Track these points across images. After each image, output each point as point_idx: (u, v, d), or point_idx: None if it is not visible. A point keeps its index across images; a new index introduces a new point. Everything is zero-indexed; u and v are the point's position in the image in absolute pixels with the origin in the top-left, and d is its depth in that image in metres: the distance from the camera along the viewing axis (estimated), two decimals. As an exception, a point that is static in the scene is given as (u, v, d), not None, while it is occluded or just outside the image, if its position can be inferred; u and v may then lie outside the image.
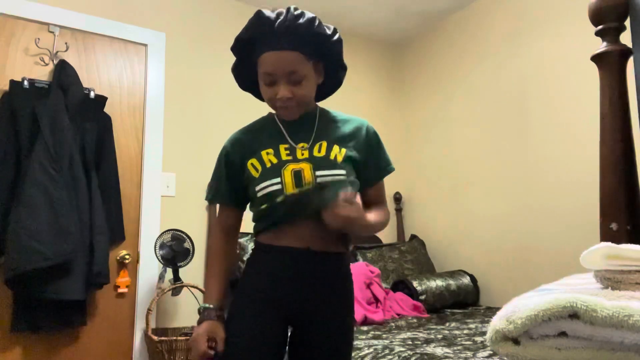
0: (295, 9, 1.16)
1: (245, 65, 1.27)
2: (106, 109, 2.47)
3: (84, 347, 2.32)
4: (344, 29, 3.49)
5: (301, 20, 1.15)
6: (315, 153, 1.22)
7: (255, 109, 3.29)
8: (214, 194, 1.33)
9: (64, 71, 2.32)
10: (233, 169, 1.28)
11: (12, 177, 2.15)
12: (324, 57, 1.25)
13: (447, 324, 2.18)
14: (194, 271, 2.59)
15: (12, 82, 2.24)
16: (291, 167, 1.20)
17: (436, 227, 3.29)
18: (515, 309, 0.58)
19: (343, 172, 1.21)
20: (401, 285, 2.70)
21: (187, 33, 2.86)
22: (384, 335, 1.93)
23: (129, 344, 2.44)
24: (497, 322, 0.59)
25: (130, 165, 2.56)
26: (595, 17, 1.04)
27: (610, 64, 1.02)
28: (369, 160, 1.30)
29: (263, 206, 1.21)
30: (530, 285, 0.80)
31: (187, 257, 2.41)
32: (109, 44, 2.61)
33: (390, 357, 1.57)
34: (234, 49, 1.27)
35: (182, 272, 2.44)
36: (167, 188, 2.64)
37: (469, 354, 1.54)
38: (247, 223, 1.32)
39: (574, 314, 0.55)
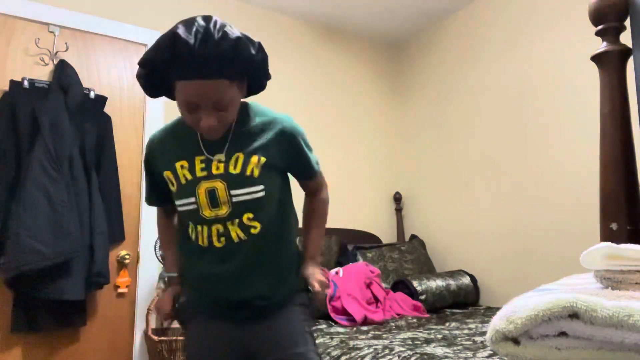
0: (222, 26, 1.01)
1: (155, 80, 1.10)
2: (106, 109, 2.47)
3: (84, 347, 2.32)
4: (344, 29, 3.49)
5: (224, 46, 1.00)
6: (231, 169, 1.14)
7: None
8: (147, 199, 1.37)
9: (64, 71, 2.32)
10: (154, 177, 1.28)
11: (12, 177, 2.14)
12: (249, 73, 1.13)
13: (447, 324, 2.18)
14: (194, 271, 2.59)
15: (12, 82, 2.24)
16: (205, 185, 1.14)
17: (436, 227, 3.29)
18: (515, 309, 0.58)
19: (260, 188, 1.15)
20: (401, 285, 2.69)
21: (187, 33, 2.85)
22: (384, 335, 1.93)
23: (129, 344, 2.44)
24: (497, 322, 0.59)
25: (130, 165, 2.56)
26: (595, 17, 1.04)
27: (610, 64, 1.02)
28: (295, 162, 1.27)
29: (190, 227, 1.21)
30: (530, 285, 0.80)
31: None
32: (109, 44, 2.61)
33: (390, 357, 1.57)
34: (141, 74, 1.08)
35: (182, 272, 2.44)
36: (167, 188, 2.64)
37: (469, 354, 1.54)
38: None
39: (574, 314, 0.55)
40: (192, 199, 1.14)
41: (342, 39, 3.52)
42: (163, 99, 2.70)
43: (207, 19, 1.01)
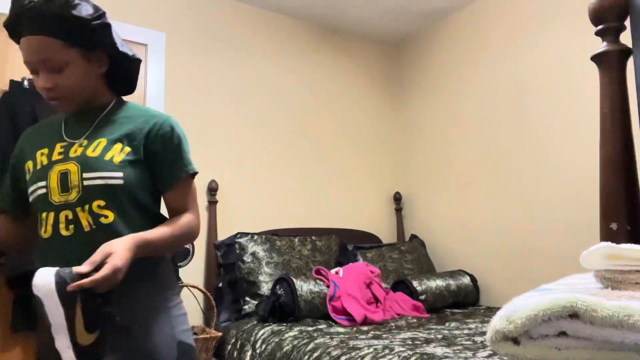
0: None
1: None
2: (106, 109, 2.47)
3: (84, 347, 2.32)
4: (344, 29, 3.49)
5: (55, 2, 1.01)
6: (89, 152, 1.07)
7: (255, 109, 3.29)
8: None
9: (64, 71, 2.31)
10: (14, 173, 1.19)
11: (12, 177, 2.15)
12: (97, 44, 1.10)
13: (447, 324, 2.18)
14: (193, 271, 2.59)
15: (12, 82, 2.24)
16: (58, 168, 1.06)
17: (436, 227, 3.30)
18: (515, 309, 0.58)
19: (118, 175, 1.06)
20: (401, 285, 2.70)
21: (187, 33, 2.86)
22: (384, 335, 1.93)
23: (129, 344, 2.44)
24: (497, 322, 0.59)
25: (130, 165, 2.56)
26: (595, 17, 1.04)
27: (610, 64, 1.02)
28: (163, 160, 1.14)
29: (39, 219, 1.07)
30: (530, 285, 0.80)
31: (187, 258, 2.41)
32: (109, 44, 2.60)
33: (390, 357, 1.57)
34: (7, 28, 1.11)
35: (182, 272, 2.44)
36: (167, 188, 2.63)
37: (469, 354, 1.54)
38: (244, 218, 1.31)
39: (574, 314, 0.55)
40: (43, 183, 1.06)
41: (342, 39, 3.52)
42: (161, 99, 2.70)
43: None
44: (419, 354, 1.56)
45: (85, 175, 1.05)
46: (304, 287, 2.30)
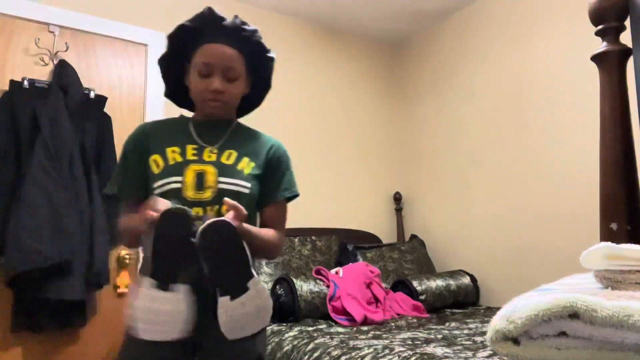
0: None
1: (174, 59, 1.26)
2: (106, 109, 2.47)
3: (84, 347, 2.32)
4: (343, 29, 3.49)
5: (247, 27, 1.23)
6: (224, 159, 1.20)
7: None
8: (118, 188, 1.24)
9: (64, 71, 2.32)
10: (137, 162, 1.23)
11: (12, 177, 2.14)
12: (255, 72, 1.29)
13: (447, 324, 2.18)
14: (194, 271, 2.59)
15: (12, 82, 2.24)
16: (194, 167, 1.17)
17: (436, 227, 3.30)
18: (515, 309, 0.58)
19: (248, 185, 1.19)
20: (401, 285, 2.69)
21: (187, 33, 2.85)
22: (384, 335, 1.93)
23: (129, 344, 2.44)
24: (497, 322, 0.59)
25: (130, 165, 2.56)
26: (595, 17, 1.04)
27: (610, 64, 1.02)
28: (271, 180, 1.28)
29: None
30: (530, 285, 0.80)
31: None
32: (109, 44, 2.60)
33: (390, 357, 1.57)
34: (174, 36, 1.25)
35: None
36: (167, 188, 2.64)
37: (469, 354, 1.54)
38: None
39: (574, 314, 0.55)
40: (179, 178, 1.15)
41: (342, 39, 3.52)
42: (161, 99, 2.70)
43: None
44: (419, 354, 1.56)
45: (221, 179, 1.17)
46: (304, 287, 2.30)
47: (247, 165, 1.22)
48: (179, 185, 1.14)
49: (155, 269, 1.00)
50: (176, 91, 1.33)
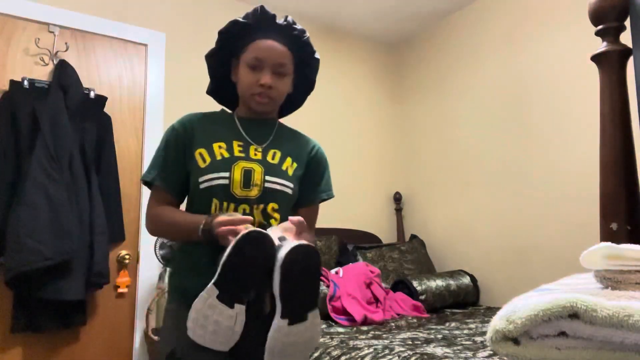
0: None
1: (221, 55, 1.28)
2: (106, 109, 2.47)
3: (84, 347, 2.32)
4: (343, 29, 3.49)
5: (297, 26, 1.25)
6: (269, 158, 1.21)
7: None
8: (155, 176, 1.21)
9: (64, 71, 2.32)
10: (180, 153, 1.21)
11: (12, 177, 2.14)
12: (300, 72, 1.30)
13: (447, 324, 2.18)
14: (194, 271, 2.59)
15: (12, 82, 2.24)
16: (242, 164, 1.17)
17: (436, 227, 3.30)
18: (515, 309, 0.58)
19: (291, 185, 1.22)
20: (401, 285, 2.69)
21: (187, 33, 2.86)
22: (384, 335, 1.93)
23: (129, 344, 2.44)
24: (497, 322, 0.59)
25: (130, 165, 2.56)
26: (595, 17, 1.04)
27: (610, 64, 1.02)
28: (310, 181, 1.30)
29: (214, 204, 1.14)
30: (530, 285, 0.80)
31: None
32: (109, 44, 2.61)
33: (390, 357, 1.57)
34: (227, 31, 1.25)
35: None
36: (167, 188, 2.64)
37: (469, 354, 1.54)
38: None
39: (574, 314, 0.55)
40: (226, 174, 1.15)
41: (342, 39, 3.52)
42: (161, 99, 2.70)
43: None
44: (419, 354, 1.56)
45: (267, 178, 1.18)
46: (304, 287, 2.30)
47: (290, 166, 1.24)
48: (226, 181, 1.14)
49: (223, 281, 0.98)
50: (218, 87, 1.34)
